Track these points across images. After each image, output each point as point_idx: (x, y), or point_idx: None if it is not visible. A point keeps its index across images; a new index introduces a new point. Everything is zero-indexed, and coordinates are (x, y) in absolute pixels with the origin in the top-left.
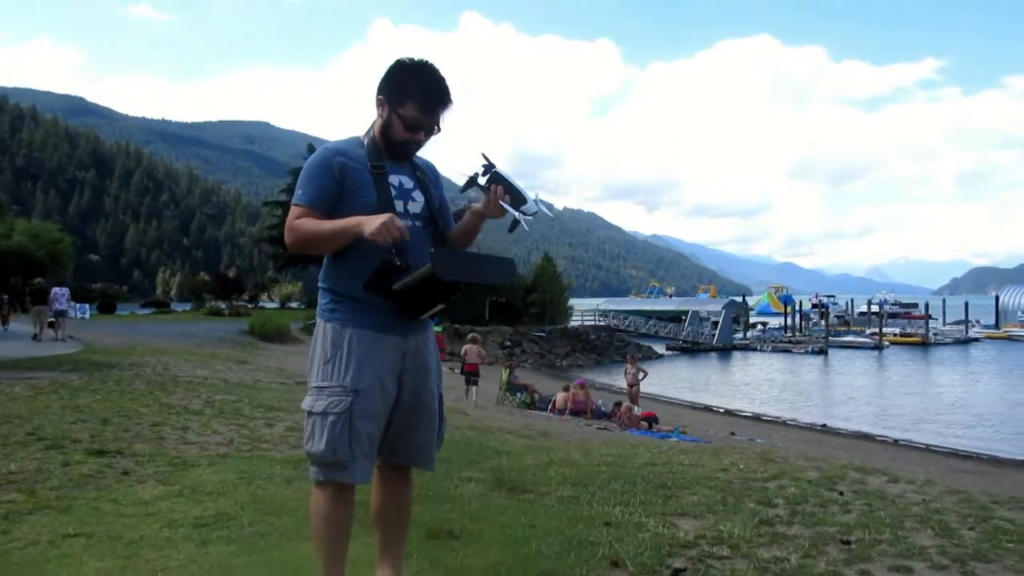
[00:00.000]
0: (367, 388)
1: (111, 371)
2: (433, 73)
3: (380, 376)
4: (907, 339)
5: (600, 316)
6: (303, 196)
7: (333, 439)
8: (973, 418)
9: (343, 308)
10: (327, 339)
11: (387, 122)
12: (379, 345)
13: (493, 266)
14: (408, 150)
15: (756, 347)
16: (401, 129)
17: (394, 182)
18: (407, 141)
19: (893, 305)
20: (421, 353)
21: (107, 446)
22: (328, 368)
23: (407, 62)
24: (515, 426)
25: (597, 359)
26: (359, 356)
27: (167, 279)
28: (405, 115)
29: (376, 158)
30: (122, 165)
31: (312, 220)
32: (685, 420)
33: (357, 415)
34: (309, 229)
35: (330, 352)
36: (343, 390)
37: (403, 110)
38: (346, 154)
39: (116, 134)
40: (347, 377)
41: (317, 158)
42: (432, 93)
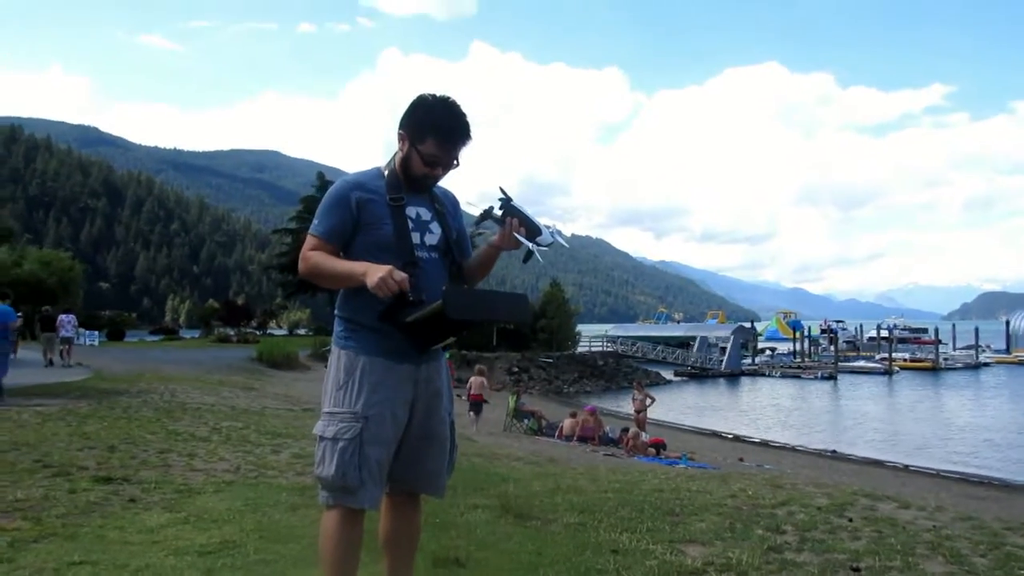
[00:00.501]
0: (377, 415)
1: (119, 398)
2: (453, 109)
3: (391, 403)
4: (917, 364)
5: (608, 342)
6: (319, 227)
7: (343, 464)
8: (984, 443)
9: (357, 336)
10: (340, 366)
11: (407, 156)
12: (391, 373)
13: (507, 303)
14: (426, 184)
15: (765, 372)
16: (420, 164)
17: (411, 214)
18: (425, 176)
19: (903, 330)
20: (433, 381)
21: (114, 473)
22: (340, 395)
23: (428, 98)
24: (522, 453)
25: (605, 385)
26: (371, 383)
27: (176, 306)
28: (424, 151)
29: (395, 190)
30: (133, 194)
31: (324, 255)
32: (693, 446)
33: (367, 441)
34: (320, 264)
35: (343, 379)
36: (353, 416)
37: (422, 146)
38: (364, 187)
39: (129, 163)
40: (358, 403)
41: (335, 191)
42: (451, 129)
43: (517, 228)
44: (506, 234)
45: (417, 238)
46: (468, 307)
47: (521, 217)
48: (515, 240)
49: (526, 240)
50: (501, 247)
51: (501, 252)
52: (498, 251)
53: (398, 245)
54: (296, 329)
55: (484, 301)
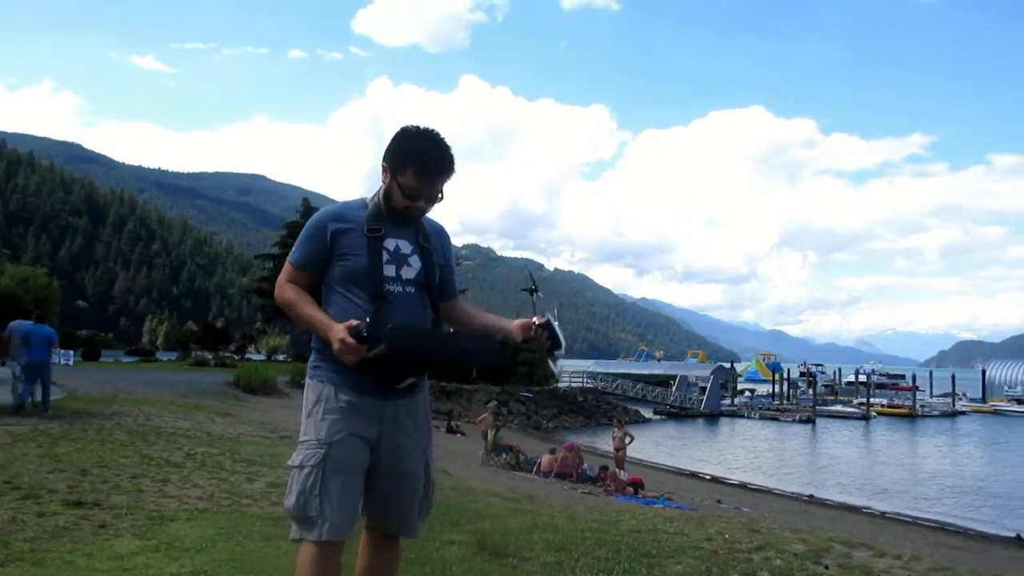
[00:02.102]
0: (339, 441)
1: (92, 420)
2: (435, 141)
3: (354, 432)
4: (894, 410)
5: (588, 378)
6: (294, 255)
7: (304, 492)
8: (958, 492)
9: (326, 367)
10: (309, 395)
11: (388, 189)
12: (356, 405)
13: (467, 344)
14: (408, 216)
15: (744, 414)
16: (400, 197)
17: (390, 246)
18: (406, 208)
19: (881, 376)
20: (402, 418)
21: (84, 497)
22: (308, 423)
23: (411, 130)
24: (500, 488)
25: (584, 421)
26: (334, 411)
27: (154, 327)
28: (404, 183)
29: (375, 221)
30: (116, 212)
31: (299, 294)
32: (671, 486)
33: (329, 468)
34: (293, 304)
35: (311, 407)
36: (317, 443)
37: (403, 178)
38: (343, 217)
39: (112, 181)
40: (322, 430)
41: (313, 221)
42: (433, 162)
43: (544, 341)
44: (531, 338)
45: (392, 271)
46: (416, 348)
47: (552, 335)
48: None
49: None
50: (515, 337)
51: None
52: (506, 336)
53: (368, 277)
54: (275, 355)
55: (435, 342)
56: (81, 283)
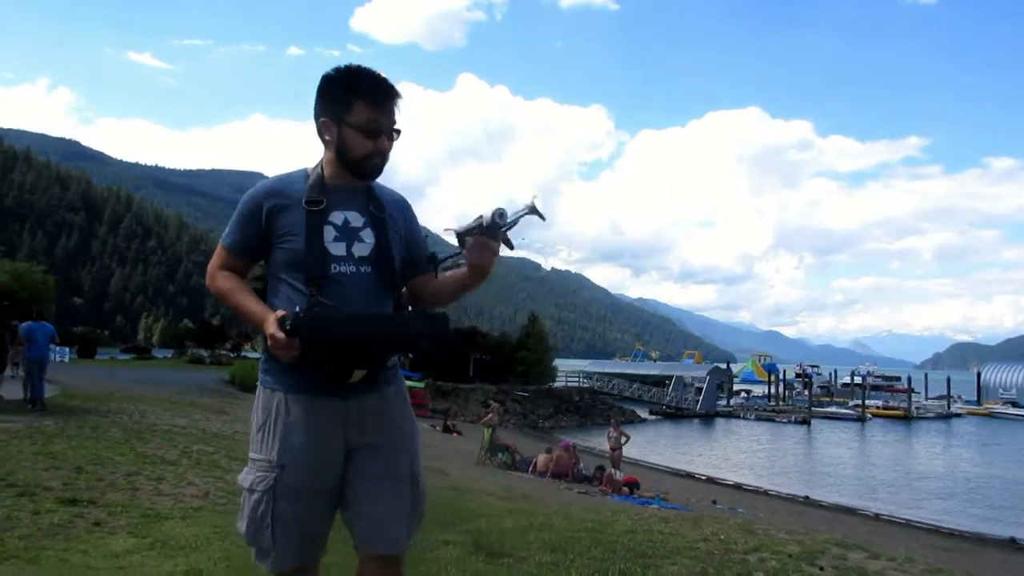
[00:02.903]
0: (293, 463)
1: (87, 417)
2: (369, 70)
3: (313, 448)
4: (890, 412)
5: (584, 378)
6: (227, 239)
7: (255, 521)
8: (952, 493)
9: (274, 369)
10: (259, 405)
11: (340, 143)
12: (313, 411)
13: (404, 328)
14: (372, 167)
15: (739, 415)
16: (360, 139)
17: (337, 220)
18: (371, 153)
19: (876, 378)
20: (372, 418)
21: (80, 495)
22: (259, 438)
23: (336, 70)
24: (495, 488)
25: (580, 421)
26: (288, 424)
27: (150, 325)
28: (358, 121)
29: (316, 192)
30: (112, 209)
31: (232, 282)
32: (666, 486)
33: (281, 494)
34: (223, 291)
35: (260, 419)
36: (268, 465)
37: (354, 117)
38: (281, 194)
39: (109, 179)
40: (274, 449)
41: (246, 199)
42: (380, 84)
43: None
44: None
45: (341, 249)
46: (332, 336)
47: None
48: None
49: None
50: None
51: (477, 279)
52: (472, 278)
53: (307, 257)
54: None
55: (359, 327)
56: (77, 280)
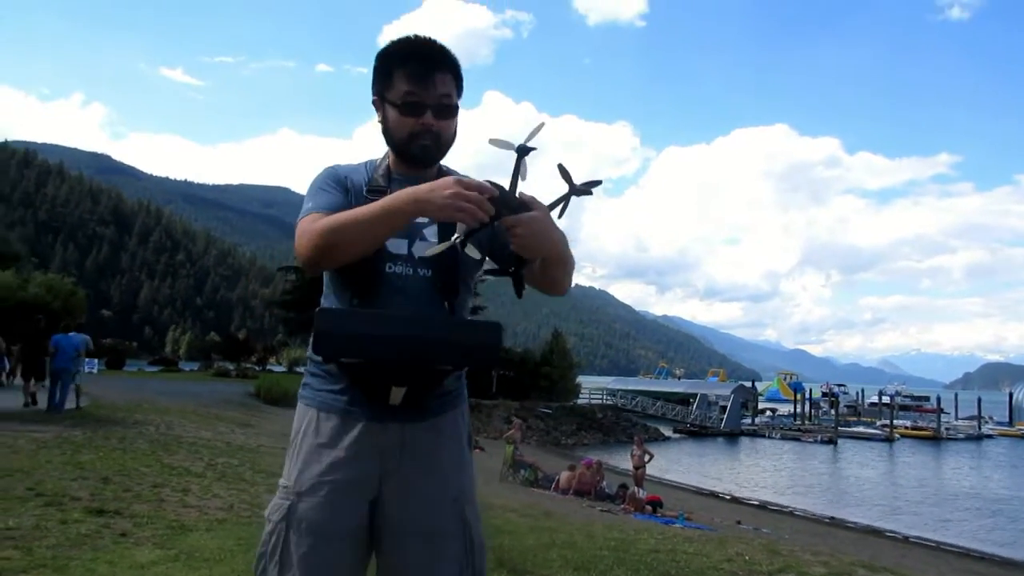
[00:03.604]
0: (312, 491)
1: (114, 428)
2: (418, 37)
3: (336, 478)
4: (918, 433)
5: (608, 395)
6: (315, 206)
7: (265, 555)
8: (983, 516)
9: (314, 383)
10: (294, 424)
11: (383, 123)
12: (343, 436)
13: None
14: (421, 149)
15: (764, 434)
16: (398, 119)
17: None
18: (413, 134)
19: (904, 397)
20: (415, 450)
21: (106, 505)
22: (287, 459)
23: (391, 41)
24: (518, 505)
25: (603, 438)
26: (312, 448)
27: (177, 338)
28: (396, 97)
29: (381, 180)
30: (142, 223)
31: (330, 216)
32: (690, 506)
33: (294, 527)
34: (338, 220)
35: (292, 439)
36: (287, 491)
37: (394, 92)
38: (348, 178)
39: (139, 193)
40: (294, 474)
41: (323, 172)
42: (422, 51)
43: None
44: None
45: (402, 247)
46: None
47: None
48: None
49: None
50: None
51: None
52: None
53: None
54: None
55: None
56: (107, 292)
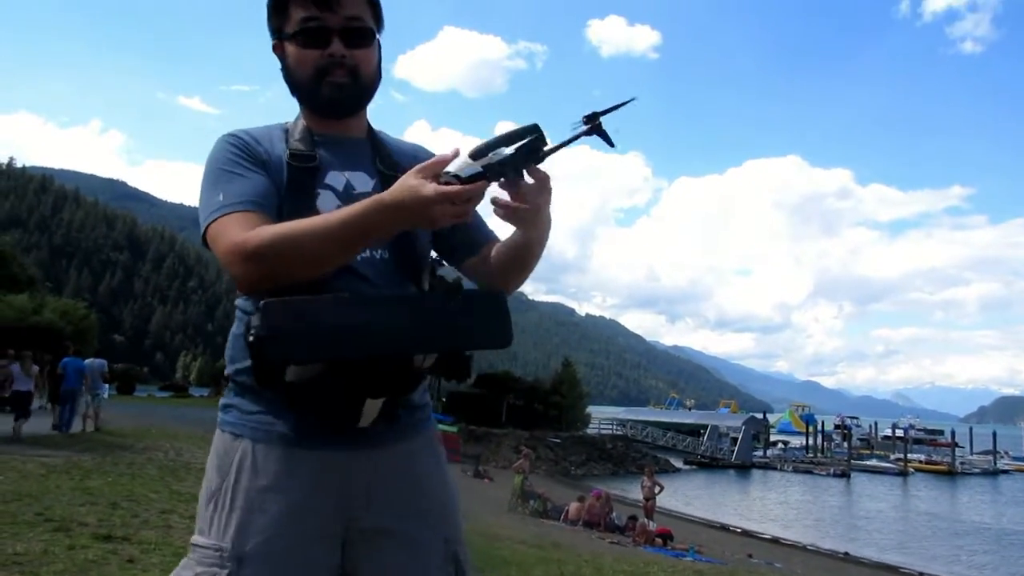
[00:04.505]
0: (257, 556)
1: (124, 453)
2: None
3: (293, 531)
4: (933, 467)
5: (618, 425)
6: (231, 199)
7: None
8: (999, 552)
9: (242, 403)
10: (212, 461)
11: (283, 65)
12: (294, 474)
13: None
14: (334, 88)
15: (776, 466)
16: (298, 52)
17: (335, 182)
18: (320, 69)
19: (918, 431)
20: (394, 481)
21: (114, 531)
22: (208, 512)
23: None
24: (526, 535)
25: (613, 469)
26: (252, 493)
27: (188, 363)
28: (292, 28)
29: (304, 144)
30: (156, 249)
31: (283, 224)
32: (701, 539)
33: None
34: (291, 234)
35: (214, 483)
36: (218, 557)
37: (289, 25)
38: (259, 142)
39: (153, 219)
40: (228, 532)
41: (226, 144)
42: None
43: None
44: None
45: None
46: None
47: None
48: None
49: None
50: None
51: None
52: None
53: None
54: None
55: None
56: (119, 317)
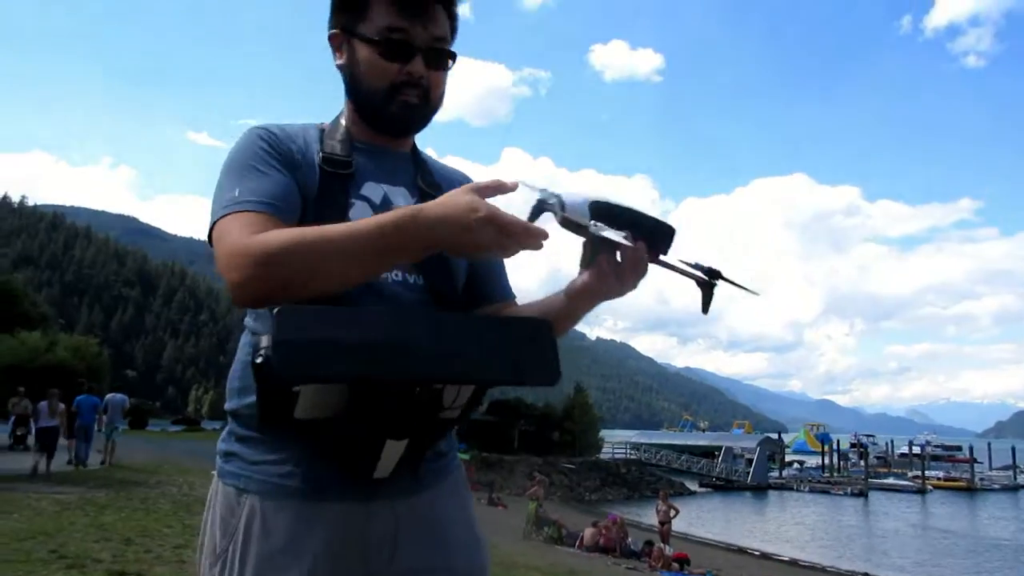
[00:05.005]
0: None
1: (137, 489)
2: None
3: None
4: (952, 484)
5: (631, 449)
6: (247, 196)
7: None
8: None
9: (246, 452)
10: (214, 516)
11: (351, 67)
12: (310, 534)
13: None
14: (403, 108)
15: (793, 487)
16: (376, 61)
17: (372, 194)
18: (395, 86)
19: (936, 447)
20: (417, 533)
21: (128, 567)
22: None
23: None
24: (541, 563)
25: (628, 494)
26: (263, 557)
27: (199, 397)
28: (374, 32)
29: (342, 148)
30: (166, 284)
31: (296, 230)
32: (718, 563)
33: None
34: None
35: (219, 543)
36: None
37: (368, 26)
38: (292, 139)
39: (164, 254)
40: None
41: (254, 135)
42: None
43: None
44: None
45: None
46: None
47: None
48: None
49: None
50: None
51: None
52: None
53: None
54: None
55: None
56: (131, 352)
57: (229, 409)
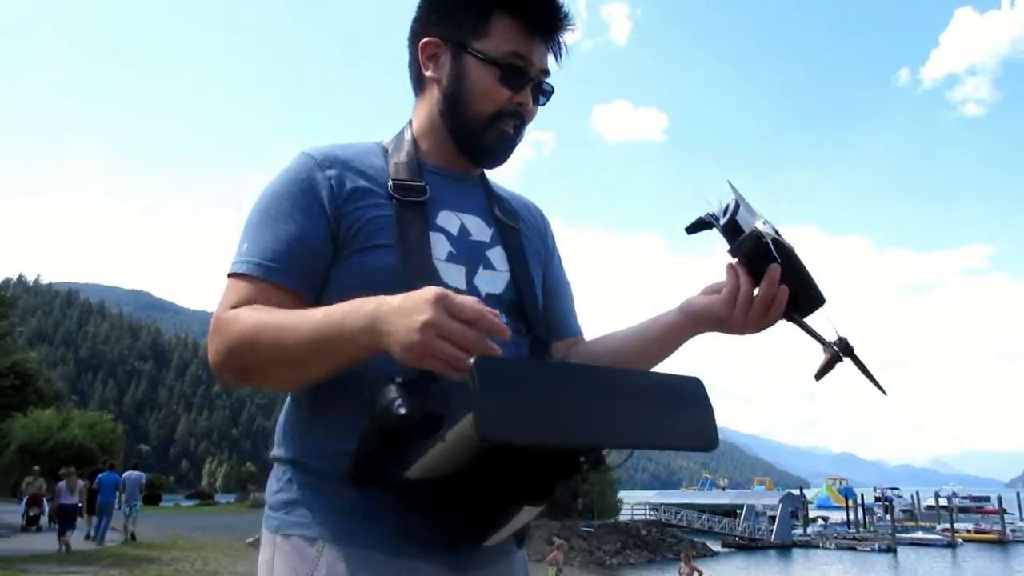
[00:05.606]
0: None
1: (151, 566)
2: None
3: None
4: (983, 536)
5: (651, 510)
6: (249, 250)
7: None
8: None
9: (312, 499)
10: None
11: (455, 82)
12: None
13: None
14: (500, 137)
15: (818, 544)
16: (491, 84)
17: (450, 225)
18: (502, 113)
19: (963, 499)
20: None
21: None
22: None
23: None
24: None
25: (649, 556)
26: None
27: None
28: (494, 52)
29: (409, 172)
30: (179, 357)
31: (264, 312)
32: None
33: None
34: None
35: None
36: None
37: (487, 44)
38: (348, 165)
39: (177, 327)
40: None
41: (288, 174)
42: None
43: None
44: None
45: (459, 278)
46: (530, 417)
47: (786, 260)
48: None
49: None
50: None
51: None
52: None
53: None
54: None
55: (569, 391)
56: (144, 427)
57: (286, 457)
